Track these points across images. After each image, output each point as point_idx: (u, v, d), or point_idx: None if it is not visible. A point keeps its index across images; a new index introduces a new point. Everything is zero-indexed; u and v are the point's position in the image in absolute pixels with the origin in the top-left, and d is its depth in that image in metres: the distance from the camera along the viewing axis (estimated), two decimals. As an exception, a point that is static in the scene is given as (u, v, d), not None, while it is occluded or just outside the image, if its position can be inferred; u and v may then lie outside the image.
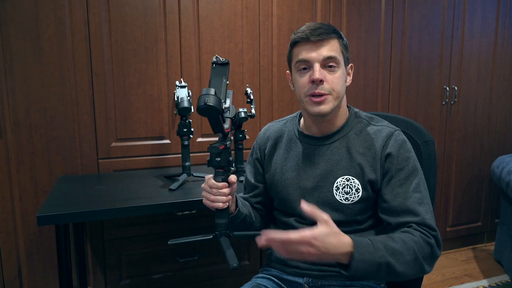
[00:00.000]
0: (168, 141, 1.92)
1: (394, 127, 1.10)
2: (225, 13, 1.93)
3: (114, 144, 1.83)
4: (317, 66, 1.03)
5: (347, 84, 1.10)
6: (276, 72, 2.06)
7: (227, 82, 1.03)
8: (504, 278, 2.34)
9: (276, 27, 2.03)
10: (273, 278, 1.16)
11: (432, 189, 1.18)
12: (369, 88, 2.27)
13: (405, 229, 1.00)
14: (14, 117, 1.67)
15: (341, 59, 1.05)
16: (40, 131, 1.72)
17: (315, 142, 1.13)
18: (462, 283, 2.29)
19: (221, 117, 0.95)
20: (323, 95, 1.03)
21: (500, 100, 2.63)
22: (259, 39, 2.01)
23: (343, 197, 1.07)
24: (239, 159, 1.72)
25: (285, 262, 1.15)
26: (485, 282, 2.29)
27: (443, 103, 2.47)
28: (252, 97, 1.73)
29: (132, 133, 1.85)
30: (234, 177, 1.04)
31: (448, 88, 2.47)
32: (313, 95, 1.04)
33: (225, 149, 0.99)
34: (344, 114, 1.13)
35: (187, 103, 1.56)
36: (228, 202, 1.03)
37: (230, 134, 1.03)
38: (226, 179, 1.02)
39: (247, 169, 1.27)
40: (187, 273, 1.97)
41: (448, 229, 2.62)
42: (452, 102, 2.49)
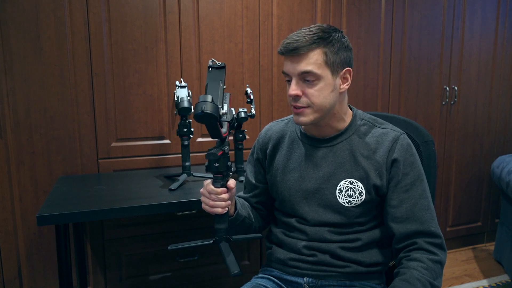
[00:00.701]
0: (168, 141, 1.92)
1: (399, 130, 1.10)
2: (225, 13, 1.93)
3: (114, 144, 1.83)
4: (293, 81, 1.04)
5: (341, 91, 1.06)
6: (276, 72, 2.05)
7: (223, 86, 1.03)
8: (504, 278, 2.34)
9: (276, 27, 2.03)
10: (273, 278, 1.16)
11: (432, 189, 1.18)
12: (369, 88, 2.27)
13: (413, 255, 1.01)
14: (14, 117, 1.67)
15: (321, 71, 1.01)
16: (40, 131, 1.71)
17: (318, 143, 1.13)
18: (462, 283, 2.29)
19: (218, 123, 0.95)
20: (300, 107, 1.04)
21: (500, 100, 2.63)
22: (259, 39, 2.00)
23: (346, 200, 1.07)
24: (239, 159, 1.72)
25: (285, 262, 1.14)
26: (485, 282, 2.29)
27: (443, 103, 2.47)
28: (252, 97, 1.73)
29: (132, 133, 1.85)
30: (233, 183, 1.03)
31: (448, 88, 2.47)
32: (294, 106, 1.05)
33: (223, 154, 0.98)
34: (346, 117, 1.12)
35: (187, 103, 1.56)
36: (227, 207, 1.02)
37: (228, 138, 1.02)
38: (225, 184, 1.02)
39: (248, 168, 1.27)
40: (187, 273, 1.97)
41: (448, 229, 2.62)
42: (452, 102, 2.49)
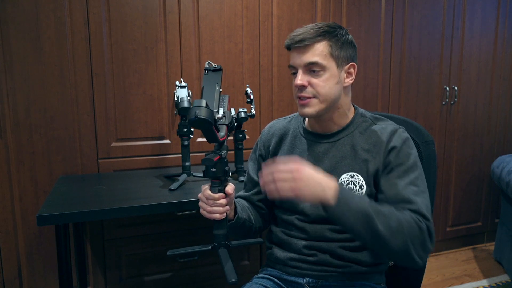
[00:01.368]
0: (168, 141, 1.92)
1: (398, 125, 1.12)
2: (225, 13, 1.93)
3: (114, 144, 1.83)
4: (300, 72, 1.06)
5: (345, 84, 1.09)
6: (276, 72, 2.05)
7: (220, 89, 1.02)
8: (504, 278, 2.34)
9: (276, 27, 2.03)
10: (273, 278, 1.16)
11: (432, 189, 1.18)
12: (369, 88, 2.27)
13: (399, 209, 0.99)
14: (14, 117, 1.67)
15: (327, 62, 1.04)
16: (40, 131, 1.71)
17: (320, 139, 1.14)
18: (462, 283, 2.29)
19: (214, 127, 0.94)
20: (306, 98, 1.06)
21: (500, 100, 2.63)
22: (259, 39, 2.00)
23: None
24: (239, 159, 1.72)
25: (285, 262, 1.14)
26: (485, 282, 2.29)
27: (443, 103, 2.47)
28: (252, 97, 1.73)
29: (132, 133, 1.85)
30: (232, 188, 1.03)
31: (448, 88, 2.47)
32: (299, 97, 1.07)
33: (220, 159, 0.96)
34: (349, 113, 1.14)
35: (187, 103, 1.55)
36: (226, 213, 1.02)
37: (226, 142, 1.01)
38: (223, 189, 1.00)
39: (250, 166, 1.27)
40: (187, 273, 1.97)
41: (448, 229, 2.62)
42: (452, 102, 2.49)
